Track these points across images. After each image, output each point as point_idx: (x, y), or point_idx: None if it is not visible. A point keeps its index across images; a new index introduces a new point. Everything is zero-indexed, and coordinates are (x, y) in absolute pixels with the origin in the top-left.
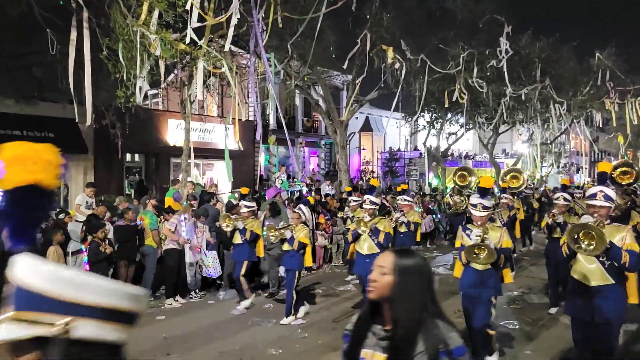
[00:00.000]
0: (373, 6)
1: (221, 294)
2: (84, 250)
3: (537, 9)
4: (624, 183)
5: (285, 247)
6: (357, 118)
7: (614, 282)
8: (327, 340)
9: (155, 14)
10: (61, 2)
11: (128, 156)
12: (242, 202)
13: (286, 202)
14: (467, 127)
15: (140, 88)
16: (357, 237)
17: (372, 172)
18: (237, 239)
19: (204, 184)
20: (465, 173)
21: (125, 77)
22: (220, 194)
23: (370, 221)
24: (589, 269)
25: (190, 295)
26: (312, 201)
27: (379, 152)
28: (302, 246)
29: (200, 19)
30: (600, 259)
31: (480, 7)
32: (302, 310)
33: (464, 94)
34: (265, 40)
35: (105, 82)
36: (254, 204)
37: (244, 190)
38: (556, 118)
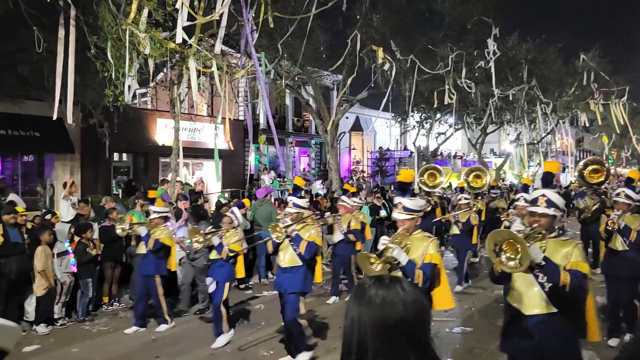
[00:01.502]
0: (363, 7)
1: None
2: (70, 252)
3: (524, 11)
4: (594, 182)
5: (213, 255)
6: (347, 118)
7: (555, 310)
8: (319, 340)
9: (145, 12)
10: (48, 0)
11: (116, 156)
12: (151, 207)
13: (276, 202)
14: (456, 127)
15: (129, 87)
16: (277, 246)
17: (363, 171)
18: (142, 249)
19: (193, 183)
20: (435, 172)
21: (113, 76)
22: (209, 194)
23: (288, 226)
24: (526, 293)
25: (180, 297)
26: (247, 204)
27: (369, 152)
28: (233, 254)
29: (190, 17)
30: (540, 280)
31: (468, 9)
32: (225, 337)
33: (453, 94)
34: (256, 39)
35: (93, 81)
36: (166, 209)
37: (152, 193)
38: (542, 118)
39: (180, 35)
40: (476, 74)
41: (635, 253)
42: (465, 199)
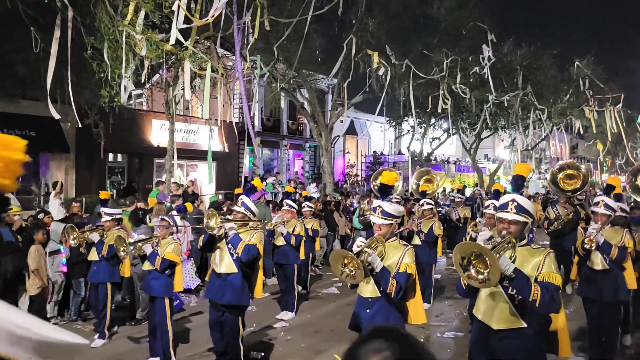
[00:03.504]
0: (359, 11)
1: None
2: (62, 251)
3: (520, 17)
4: (568, 189)
5: (146, 266)
6: (341, 121)
7: (524, 325)
8: (309, 343)
9: (142, 14)
10: (46, 1)
11: (111, 156)
12: (103, 209)
13: (270, 205)
14: (451, 132)
15: (125, 88)
16: (208, 242)
17: (357, 175)
18: (93, 256)
19: (185, 185)
20: (386, 171)
21: (109, 77)
22: (202, 195)
23: (227, 220)
24: (495, 306)
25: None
26: (190, 209)
27: (364, 156)
28: (169, 265)
29: (187, 20)
30: (509, 292)
31: (464, 15)
32: None
33: (448, 99)
34: (252, 42)
35: (89, 82)
36: (118, 210)
37: (104, 194)
38: (536, 124)
39: (174, 36)
40: (471, 80)
41: (617, 272)
42: (428, 204)
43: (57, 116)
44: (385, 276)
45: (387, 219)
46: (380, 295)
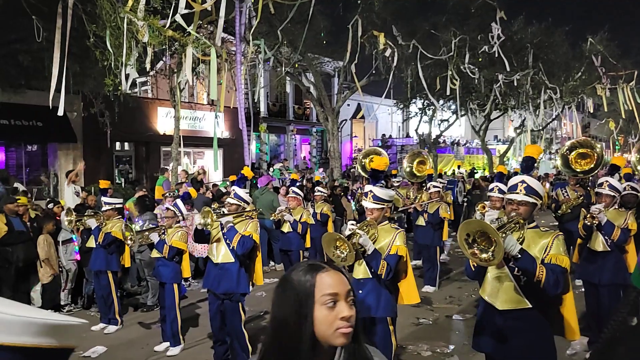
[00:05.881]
0: None
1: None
2: (75, 239)
3: None
4: (580, 170)
5: (154, 253)
6: (348, 105)
7: (530, 305)
8: None
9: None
10: None
11: (117, 145)
12: (103, 199)
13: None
14: (460, 113)
15: (128, 76)
16: (201, 234)
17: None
18: (92, 243)
19: (196, 172)
20: (377, 157)
21: (113, 65)
22: (210, 183)
23: (222, 215)
24: (500, 286)
25: (188, 282)
26: (194, 195)
27: (371, 139)
28: (177, 252)
29: (188, 5)
30: (515, 272)
31: None
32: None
33: (456, 80)
34: (255, 26)
35: (93, 70)
36: (119, 200)
37: (103, 183)
38: (547, 103)
39: (178, 22)
40: (480, 59)
41: (618, 255)
42: (435, 187)
43: (52, 105)
44: (377, 258)
45: (378, 203)
46: (371, 277)
